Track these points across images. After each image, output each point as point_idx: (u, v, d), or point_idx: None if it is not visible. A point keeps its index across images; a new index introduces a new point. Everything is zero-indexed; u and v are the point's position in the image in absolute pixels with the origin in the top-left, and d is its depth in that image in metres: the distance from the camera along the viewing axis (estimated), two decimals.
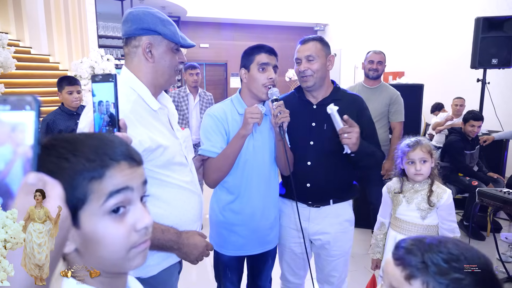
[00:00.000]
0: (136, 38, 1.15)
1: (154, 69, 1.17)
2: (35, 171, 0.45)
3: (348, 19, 9.30)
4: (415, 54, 7.10)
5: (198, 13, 9.08)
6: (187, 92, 3.68)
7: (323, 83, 1.67)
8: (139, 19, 1.14)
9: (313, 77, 1.63)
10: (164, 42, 1.17)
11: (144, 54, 1.15)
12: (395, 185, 1.89)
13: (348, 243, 1.79)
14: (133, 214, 0.59)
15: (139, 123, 1.09)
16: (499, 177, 3.73)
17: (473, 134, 3.55)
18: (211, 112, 1.57)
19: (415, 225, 1.81)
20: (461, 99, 4.96)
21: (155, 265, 1.20)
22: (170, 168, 1.19)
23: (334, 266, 1.77)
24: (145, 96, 1.15)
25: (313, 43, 1.64)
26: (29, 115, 0.45)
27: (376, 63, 3.06)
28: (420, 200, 1.80)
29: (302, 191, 1.68)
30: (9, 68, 3.97)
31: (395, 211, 1.88)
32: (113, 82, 0.76)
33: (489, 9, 5.29)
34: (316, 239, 1.75)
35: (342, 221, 1.74)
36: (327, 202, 1.71)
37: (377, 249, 1.98)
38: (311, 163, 1.67)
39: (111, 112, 0.78)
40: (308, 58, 1.62)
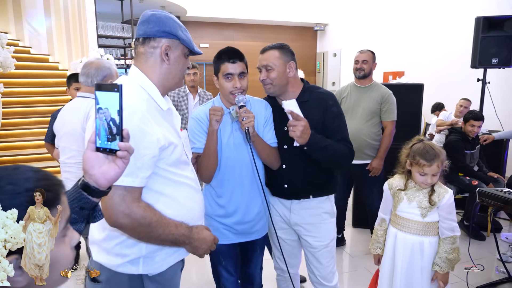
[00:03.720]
0: (156, 39, 1.20)
1: (168, 71, 1.23)
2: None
3: (348, 19, 9.29)
4: (415, 54, 7.09)
5: (198, 13, 9.07)
6: (187, 92, 3.68)
7: (285, 89, 1.73)
8: (162, 22, 1.19)
9: (272, 85, 1.69)
10: (180, 47, 1.23)
11: (162, 55, 1.20)
12: (397, 182, 1.88)
13: (330, 234, 1.83)
14: None
15: (154, 121, 1.13)
16: (499, 177, 3.73)
17: (473, 134, 3.55)
18: (194, 116, 1.69)
19: (415, 222, 1.81)
20: (467, 101, 4.89)
21: (163, 261, 1.24)
22: (179, 166, 1.24)
23: (318, 257, 1.82)
24: (155, 95, 1.20)
25: (271, 52, 1.70)
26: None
27: (361, 63, 3.05)
28: (421, 198, 1.80)
29: (281, 190, 1.81)
30: (9, 67, 3.97)
31: (395, 208, 1.88)
32: (119, 93, 0.76)
33: (489, 8, 5.28)
34: (298, 229, 1.84)
35: (321, 213, 1.81)
36: (307, 197, 1.79)
37: (378, 244, 1.99)
38: (286, 166, 1.75)
39: (115, 122, 0.77)
40: (266, 67, 1.69)
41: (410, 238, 1.83)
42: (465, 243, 2.53)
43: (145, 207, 1.11)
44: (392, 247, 1.88)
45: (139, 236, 1.14)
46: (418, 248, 1.81)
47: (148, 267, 1.21)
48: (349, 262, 3.13)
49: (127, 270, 1.19)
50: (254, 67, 1.78)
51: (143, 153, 1.07)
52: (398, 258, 1.85)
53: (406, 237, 1.84)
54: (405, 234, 1.84)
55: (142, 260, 1.20)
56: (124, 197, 1.06)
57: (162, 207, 1.16)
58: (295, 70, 1.73)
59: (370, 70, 3.06)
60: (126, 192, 1.06)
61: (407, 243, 1.83)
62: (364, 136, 3.00)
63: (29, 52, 5.86)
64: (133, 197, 1.08)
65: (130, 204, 1.07)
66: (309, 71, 10.39)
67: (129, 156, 0.81)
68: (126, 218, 1.07)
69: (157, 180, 1.16)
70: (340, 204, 3.14)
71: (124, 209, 1.06)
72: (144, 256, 1.20)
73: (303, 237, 1.84)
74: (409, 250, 1.82)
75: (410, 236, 1.83)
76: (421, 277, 1.82)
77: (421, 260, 1.81)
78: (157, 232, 1.13)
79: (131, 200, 1.07)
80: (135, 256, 1.19)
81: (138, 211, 1.08)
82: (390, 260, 1.89)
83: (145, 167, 1.09)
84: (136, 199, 1.09)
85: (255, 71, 1.75)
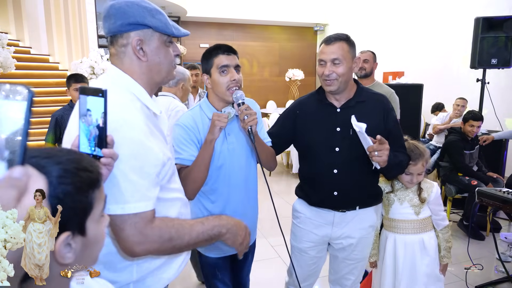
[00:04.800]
0: (123, 35, 1.00)
1: (148, 68, 1.03)
2: (21, 164, 0.43)
3: (348, 19, 9.29)
4: (415, 54, 7.09)
5: (198, 13, 9.07)
6: None
7: (347, 86, 1.58)
8: (123, 12, 0.98)
9: (338, 81, 1.52)
10: (156, 36, 1.02)
11: (135, 52, 1.00)
12: (383, 186, 1.87)
13: (369, 247, 1.78)
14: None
15: (152, 134, 1.00)
16: (499, 176, 3.73)
17: (472, 134, 3.55)
18: (180, 122, 1.50)
19: (411, 221, 1.82)
20: (463, 100, 4.92)
21: (155, 284, 1.11)
22: (172, 179, 1.11)
23: (351, 269, 1.74)
24: (146, 100, 1.04)
25: (340, 44, 1.52)
26: (20, 106, 0.44)
27: (362, 62, 3.05)
28: (411, 196, 1.82)
29: (329, 199, 1.63)
30: (9, 68, 3.97)
31: (387, 212, 1.87)
32: (103, 98, 0.72)
33: (489, 9, 5.28)
34: (337, 243, 1.72)
35: (366, 227, 1.70)
36: (353, 208, 1.66)
37: (373, 251, 1.93)
38: (338, 171, 1.59)
39: (100, 127, 0.74)
40: (334, 61, 1.51)
41: (410, 238, 1.82)
42: (465, 243, 2.54)
43: (160, 224, 0.97)
44: (393, 252, 1.86)
45: (168, 253, 1.04)
46: (419, 246, 1.82)
47: None
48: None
49: None
50: (254, 67, 1.77)
51: (149, 172, 0.94)
52: (400, 260, 1.83)
53: (406, 239, 1.83)
54: (404, 236, 1.83)
55: (132, 285, 1.08)
56: (135, 225, 0.92)
57: None
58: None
59: (372, 69, 3.08)
60: (138, 219, 0.93)
61: (407, 244, 1.82)
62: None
63: (29, 53, 5.86)
64: (145, 221, 0.94)
65: (143, 230, 0.94)
66: (309, 71, 10.39)
67: (113, 162, 0.77)
68: (142, 246, 0.94)
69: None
70: None
71: (138, 238, 0.93)
72: (134, 281, 1.08)
73: (344, 248, 1.70)
74: (410, 250, 1.82)
75: (410, 237, 1.82)
76: (427, 273, 1.81)
77: (425, 257, 1.81)
78: (184, 241, 1.00)
79: (144, 225, 0.94)
80: (125, 282, 1.07)
81: (152, 233, 0.95)
82: (392, 264, 1.86)
83: (152, 185, 0.96)
84: (149, 221, 0.95)
85: (255, 71, 1.74)
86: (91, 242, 0.58)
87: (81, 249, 0.57)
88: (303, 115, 1.68)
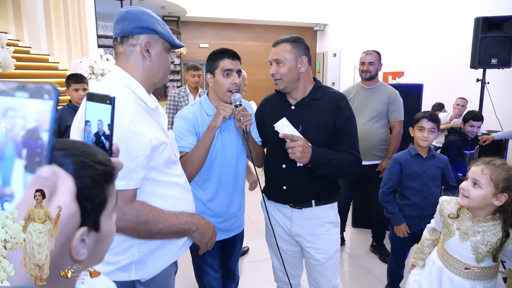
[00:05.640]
0: (134, 36, 1.16)
1: (150, 68, 1.20)
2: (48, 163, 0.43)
3: (348, 19, 9.30)
4: (414, 54, 7.10)
5: (198, 13, 9.08)
6: (187, 92, 3.69)
7: (296, 85, 1.64)
8: (138, 17, 1.15)
9: (282, 80, 1.61)
10: (160, 41, 1.20)
11: (142, 52, 1.17)
12: (449, 205, 1.55)
13: (334, 246, 1.72)
14: None
15: (144, 121, 1.11)
16: None
17: (472, 134, 3.55)
18: (181, 115, 1.64)
19: (468, 265, 1.47)
20: (463, 100, 4.92)
21: (155, 264, 1.21)
22: (169, 166, 1.22)
23: (321, 270, 1.72)
24: (142, 95, 1.17)
25: (283, 45, 1.61)
26: (47, 105, 0.43)
27: (367, 64, 3.03)
28: (479, 240, 1.43)
29: (279, 193, 1.71)
30: (8, 67, 3.97)
31: (444, 240, 1.56)
32: (111, 106, 0.70)
33: (488, 9, 5.29)
34: (300, 240, 1.74)
35: (324, 223, 1.70)
36: (309, 204, 1.68)
37: (421, 255, 1.74)
38: (286, 166, 1.66)
39: (105, 135, 0.72)
40: (276, 61, 1.61)
41: (461, 281, 1.48)
42: None
43: (139, 206, 1.08)
44: (437, 283, 1.56)
45: (140, 236, 1.12)
46: None
47: (140, 273, 1.18)
48: (349, 262, 3.13)
49: (118, 277, 1.15)
50: (254, 67, 1.79)
51: (136, 155, 1.06)
52: None
53: (454, 279, 1.50)
54: (453, 275, 1.50)
55: (134, 265, 1.17)
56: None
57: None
58: (308, 65, 1.63)
59: (377, 71, 3.05)
60: (118, 197, 1.01)
61: (455, 285, 1.50)
62: (372, 137, 3.00)
63: (29, 52, 5.86)
64: (125, 200, 1.05)
65: (122, 207, 1.04)
66: None
67: (118, 172, 0.79)
68: (119, 222, 1.01)
69: (148, 181, 1.14)
70: (343, 206, 3.15)
71: (117, 214, 1.01)
72: (136, 261, 1.16)
73: (306, 248, 1.73)
74: None
75: (460, 279, 1.48)
76: None
77: None
78: (157, 227, 1.10)
79: (123, 203, 1.05)
80: (126, 262, 1.15)
81: (131, 213, 1.06)
82: None
83: (139, 168, 1.07)
84: (128, 201, 1.06)
85: (255, 71, 1.76)
86: (103, 238, 0.57)
87: (93, 245, 0.56)
88: (267, 112, 1.77)
